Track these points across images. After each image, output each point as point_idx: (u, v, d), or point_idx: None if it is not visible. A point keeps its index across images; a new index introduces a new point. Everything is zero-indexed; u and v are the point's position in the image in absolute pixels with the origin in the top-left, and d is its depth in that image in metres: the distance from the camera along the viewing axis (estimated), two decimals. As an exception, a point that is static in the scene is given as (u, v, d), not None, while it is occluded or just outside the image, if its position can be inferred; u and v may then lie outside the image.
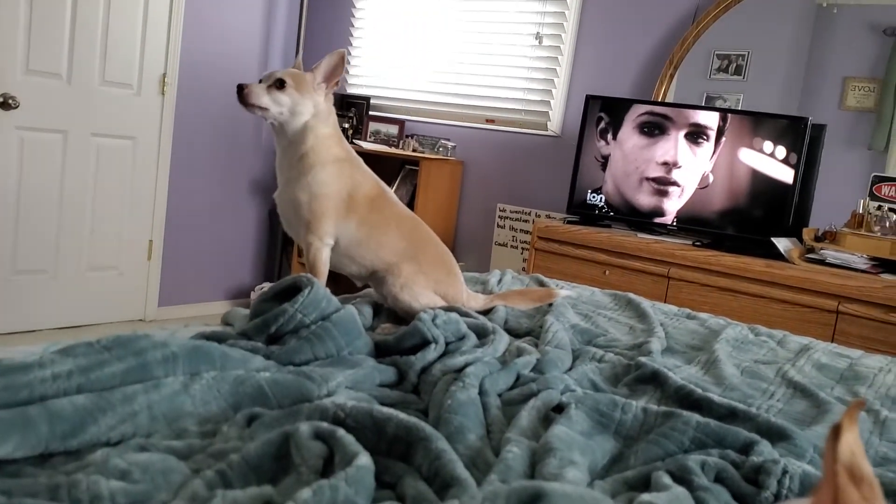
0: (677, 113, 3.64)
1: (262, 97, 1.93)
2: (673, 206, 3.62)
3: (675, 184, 3.62)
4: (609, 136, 3.78)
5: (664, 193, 3.64)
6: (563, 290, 2.27)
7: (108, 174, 4.28)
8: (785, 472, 1.08)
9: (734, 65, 3.80)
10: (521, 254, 4.46)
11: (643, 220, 3.71)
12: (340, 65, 2.00)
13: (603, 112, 3.80)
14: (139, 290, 4.58)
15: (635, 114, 3.72)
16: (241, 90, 1.93)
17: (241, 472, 0.95)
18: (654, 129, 3.67)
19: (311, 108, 1.96)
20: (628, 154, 3.73)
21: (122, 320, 4.50)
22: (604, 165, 3.80)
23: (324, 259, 1.95)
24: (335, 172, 1.96)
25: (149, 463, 0.94)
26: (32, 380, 1.03)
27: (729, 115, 3.52)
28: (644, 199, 3.70)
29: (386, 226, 1.98)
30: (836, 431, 0.60)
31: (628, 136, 3.73)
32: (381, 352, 1.57)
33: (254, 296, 1.63)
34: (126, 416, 1.06)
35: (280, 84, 1.94)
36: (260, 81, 1.97)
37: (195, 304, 4.94)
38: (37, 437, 0.96)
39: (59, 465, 0.97)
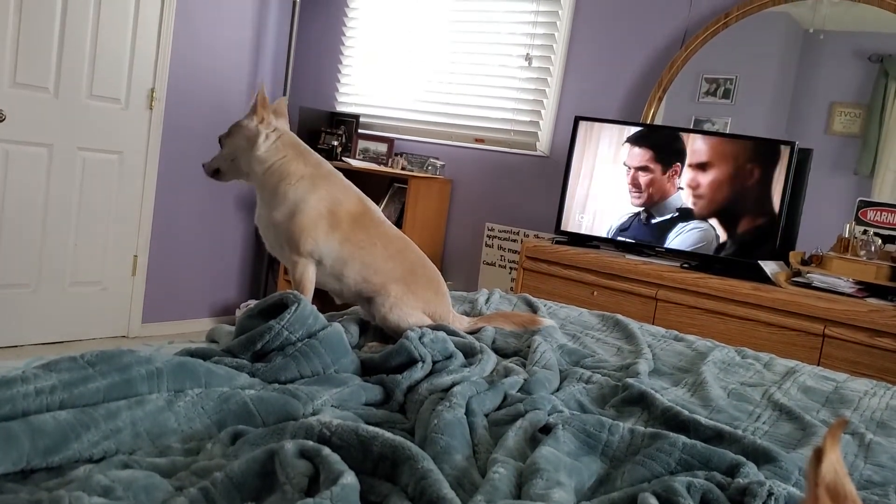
0: (665, 135, 3.66)
1: (212, 163, 2.16)
2: (662, 227, 3.63)
3: (664, 205, 3.63)
4: (598, 157, 3.80)
5: (652, 215, 3.66)
6: (547, 320, 2.23)
7: (93, 189, 4.26)
8: (770, 493, 1.08)
9: (722, 88, 3.83)
10: (510, 273, 4.46)
11: (631, 241, 3.72)
12: (260, 96, 2.08)
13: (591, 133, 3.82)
14: (123, 306, 4.55)
15: (624, 136, 3.73)
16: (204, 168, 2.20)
17: (224, 490, 0.94)
18: (641, 151, 3.69)
19: (243, 140, 2.08)
20: (617, 175, 3.75)
21: (106, 336, 4.47)
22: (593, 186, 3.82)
23: (309, 276, 1.95)
24: (307, 189, 1.97)
25: (132, 480, 0.93)
26: (15, 395, 1.02)
27: (717, 138, 3.54)
28: (632, 220, 3.71)
29: (372, 245, 1.98)
30: (818, 454, 0.60)
31: (617, 157, 3.74)
32: (367, 370, 1.57)
33: (239, 313, 1.62)
34: (109, 432, 1.05)
35: (220, 143, 2.14)
36: None
37: (180, 321, 4.91)
38: (18, 452, 0.95)
39: (40, 481, 0.96)
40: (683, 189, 3.58)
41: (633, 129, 3.75)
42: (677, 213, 3.60)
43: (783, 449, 1.37)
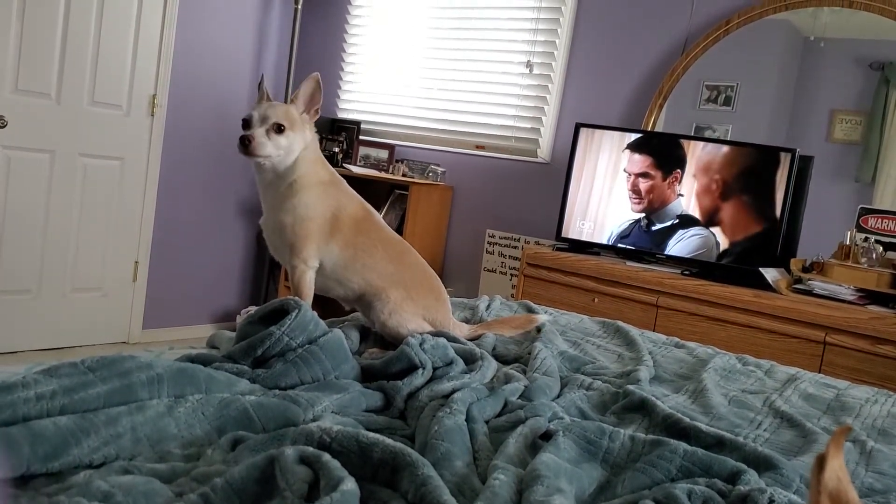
0: (666, 142, 3.66)
1: (268, 147, 1.89)
2: (662, 234, 3.63)
3: (664, 212, 3.63)
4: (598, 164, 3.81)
5: (653, 222, 3.66)
6: (542, 316, 2.28)
7: (94, 195, 4.26)
8: (772, 501, 1.08)
9: (723, 96, 3.83)
10: (510, 280, 4.46)
11: (632, 247, 3.71)
12: (318, 90, 1.98)
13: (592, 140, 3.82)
14: (124, 312, 4.55)
15: (624, 143, 3.74)
16: (247, 143, 1.87)
17: (224, 496, 0.93)
18: (642, 158, 3.69)
19: (302, 142, 1.95)
20: (618, 182, 3.75)
21: (106, 342, 4.47)
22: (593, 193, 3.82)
23: (308, 282, 1.94)
24: (320, 194, 1.96)
25: (132, 485, 0.93)
26: (15, 400, 1.02)
27: (717, 145, 3.54)
28: (633, 227, 3.71)
29: (373, 248, 1.97)
30: (820, 462, 0.60)
31: (617, 164, 3.75)
32: (367, 376, 1.56)
33: (240, 319, 1.61)
34: (109, 437, 1.04)
35: (279, 128, 1.89)
36: (247, 121, 1.92)
37: (180, 327, 4.91)
38: (18, 458, 0.95)
39: (40, 486, 0.95)
40: (684, 196, 3.58)
41: (634, 136, 3.75)
42: (678, 220, 3.60)
43: (784, 456, 1.36)
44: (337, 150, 4.84)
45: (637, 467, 1.21)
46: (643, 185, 3.68)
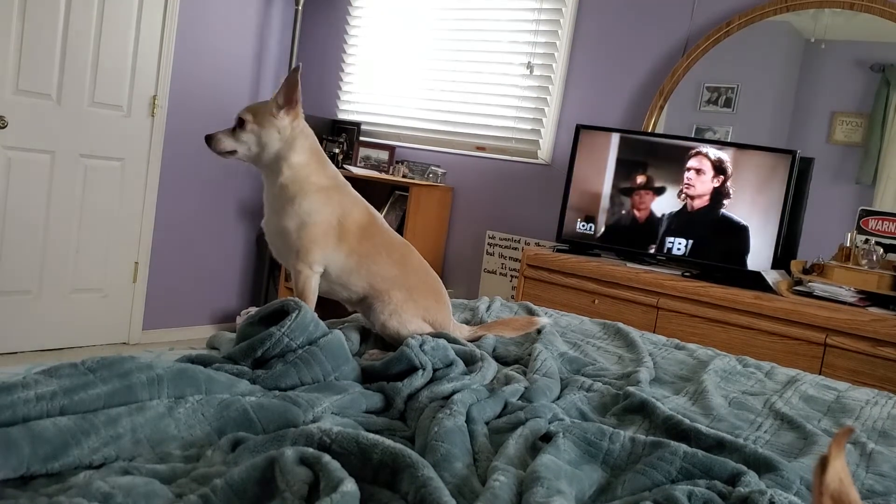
0: (666, 144, 3.66)
1: (227, 141, 1.95)
2: (663, 235, 3.63)
3: (665, 214, 3.63)
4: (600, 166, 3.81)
5: (653, 224, 3.65)
6: (543, 318, 2.27)
7: (95, 196, 4.26)
8: (772, 502, 1.08)
9: (724, 97, 3.83)
10: (511, 281, 4.46)
11: (632, 249, 3.71)
12: (296, 82, 1.95)
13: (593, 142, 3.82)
14: (124, 313, 4.55)
15: (624, 144, 3.74)
16: (209, 141, 1.97)
17: (224, 497, 0.93)
18: (642, 159, 3.69)
19: (275, 135, 1.94)
20: (618, 184, 3.75)
21: (106, 343, 4.47)
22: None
23: (312, 287, 1.94)
24: (322, 200, 1.94)
25: (132, 486, 0.93)
26: (15, 400, 1.02)
27: (718, 147, 3.53)
28: (633, 229, 3.71)
29: (377, 253, 1.97)
30: (822, 463, 0.60)
31: (618, 166, 3.74)
32: (368, 377, 1.56)
33: (240, 320, 1.60)
34: (110, 438, 1.04)
35: (241, 123, 1.95)
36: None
37: (180, 328, 4.91)
38: (18, 458, 0.95)
39: (40, 487, 0.95)
40: (684, 197, 3.58)
41: (634, 138, 3.75)
42: (678, 222, 3.60)
43: (784, 458, 1.36)
44: (337, 151, 4.85)
45: (637, 469, 1.21)
46: (643, 187, 3.68)
